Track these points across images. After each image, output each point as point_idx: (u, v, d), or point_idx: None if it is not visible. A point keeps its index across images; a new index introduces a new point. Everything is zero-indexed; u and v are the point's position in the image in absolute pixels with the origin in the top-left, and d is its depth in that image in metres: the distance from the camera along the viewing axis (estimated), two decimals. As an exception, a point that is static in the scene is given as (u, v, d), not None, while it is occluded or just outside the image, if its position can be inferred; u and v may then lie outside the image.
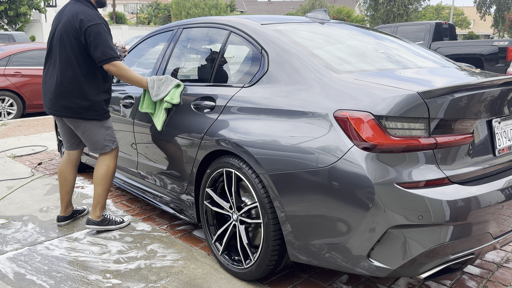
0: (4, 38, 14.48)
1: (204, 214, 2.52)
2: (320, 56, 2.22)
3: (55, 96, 2.67)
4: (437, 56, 2.74)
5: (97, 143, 2.80)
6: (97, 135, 2.78)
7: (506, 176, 1.98)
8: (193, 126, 2.52)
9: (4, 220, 3.11)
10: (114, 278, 2.34)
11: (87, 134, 2.77)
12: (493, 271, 2.41)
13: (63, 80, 2.63)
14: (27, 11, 23.26)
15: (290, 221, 1.99)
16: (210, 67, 2.76)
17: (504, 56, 10.43)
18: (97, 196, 2.87)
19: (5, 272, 2.40)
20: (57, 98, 2.67)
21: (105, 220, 2.91)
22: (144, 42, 3.52)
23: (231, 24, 2.64)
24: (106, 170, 2.84)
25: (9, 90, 7.74)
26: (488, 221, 1.83)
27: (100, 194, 2.86)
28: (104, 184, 2.86)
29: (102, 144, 2.81)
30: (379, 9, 33.93)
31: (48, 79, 2.73)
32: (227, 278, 2.33)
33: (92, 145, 2.82)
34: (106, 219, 2.92)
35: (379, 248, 1.77)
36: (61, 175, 2.96)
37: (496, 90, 1.94)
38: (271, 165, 2.02)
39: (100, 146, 2.82)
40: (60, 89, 2.65)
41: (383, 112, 1.77)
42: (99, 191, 2.86)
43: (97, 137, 2.78)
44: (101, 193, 2.86)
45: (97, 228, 2.88)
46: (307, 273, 2.38)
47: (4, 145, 5.52)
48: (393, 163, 1.75)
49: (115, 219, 2.97)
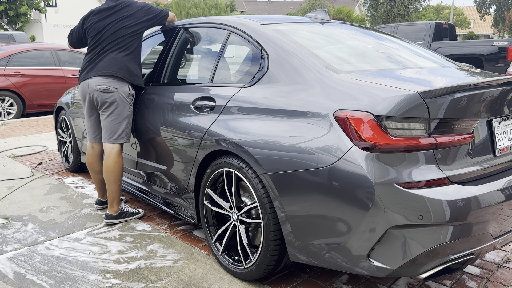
0: (4, 38, 14.48)
1: (204, 214, 2.52)
2: (320, 56, 2.22)
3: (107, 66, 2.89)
4: (437, 56, 2.74)
5: (120, 127, 2.95)
6: (124, 116, 2.95)
7: (506, 176, 1.98)
8: (193, 126, 2.52)
9: (4, 220, 3.11)
10: (114, 278, 2.34)
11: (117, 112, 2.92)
12: (493, 271, 2.41)
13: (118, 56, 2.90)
14: (27, 11, 23.25)
15: (290, 221, 1.99)
16: (210, 67, 2.75)
17: (504, 56, 10.43)
18: (112, 193, 3.01)
19: (5, 272, 2.40)
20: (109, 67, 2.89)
21: (123, 213, 3.09)
22: (144, 42, 3.51)
23: (231, 24, 2.64)
24: (117, 167, 2.97)
25: (9, 90, 7.74)
26: (488, 221, 1.83)
27: (115, 191, 3.01)
28: (117, 181, 3.00)
29: (122, 130, 2.96)
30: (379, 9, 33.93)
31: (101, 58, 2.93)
32: (227, 278, 2.33)
33: (113, 127, 2.94)
34: (123, 212, 3.09)
35: (379, 248, 1.77)
36: (91, 167, 3.18)
37: (496, 90, 1.94)
38: (271, 165, 2.02)
39: (119, 132, 2.95)
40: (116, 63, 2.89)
41: (383, 112, 1.77)
42: (113, 189, 3.00)
43: (122, 119, 2.95)
44: (116, 189, 3.01)
45: (117, 221, 3.04)
46: (307, 273, 2.38)
47: (4, 145, 5.52)
48: (393, 163, 1.75)
49: (132, 211, 3.15)
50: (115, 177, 2.98)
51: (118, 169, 2.97)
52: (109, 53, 2.91)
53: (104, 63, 2.90)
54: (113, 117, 2.93)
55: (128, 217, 3.09)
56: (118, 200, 3.04)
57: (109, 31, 2.91)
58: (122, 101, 2.93)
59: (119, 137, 2.95)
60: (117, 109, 2.93)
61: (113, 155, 2.96)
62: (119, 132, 2.95)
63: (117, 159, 2.97)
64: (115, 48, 2.91)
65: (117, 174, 2.98)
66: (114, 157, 2.96)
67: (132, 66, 2.95)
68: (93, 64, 2.93)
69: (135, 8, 2.98)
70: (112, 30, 2.91)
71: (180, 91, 2.79)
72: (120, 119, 2.94)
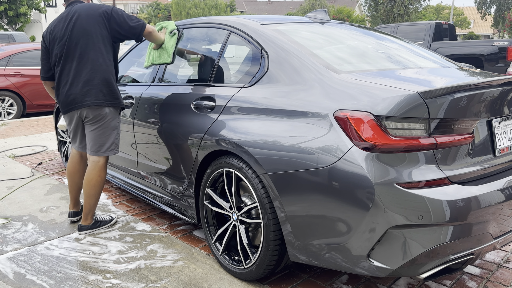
0: (4, 38, 14.50)
1: (204, 214, 2.52)
2: (320, 56, 2.22)
3: (86, 87, 2.65)
4: (437, 56, 2.74)
5: (108, 140, 2.77)
6: (113, 127, 2.77)
7: (506, 176, 1.98)
8: (193, 126, 2.52)
9: (4, 220, 3.11)
10: (114, 278, 2.33)
11: (105, 126, 2.73)
12: (493, 271, 2.41)
13: (94, 71, 2.65)
14: (27, 11, 23.26)
15: (290, 221, 1.99)
16: (210, 67, 2.76)
17: (504, 56, 10.43)
18: (89, 206, 2.86)
19: (5, 272, 2.40)
20: (88, 88, 2.65)
21: (97, 222, 2.94)
22: (144, 42, 3.52)
23: (231, 24, 2.64)
24: (100, 181, 2.83)
25: (9, 90, 7.74)
26: (488, 221, 1.83)
27: (93, 204, 2.86)
28: (96, 194, 2.85)
29: (112, 142, 2.80)
30: (379, 9, 33.92)
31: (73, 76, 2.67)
32: (227, 278, 2.33)
33: (102, 140, 2.76)
34: (97, 221, 2.95)
35: (379, 248, 1.77)
36: (73, 175, 2.98)
37: (496, 90, 1.94)
38: (271, 165, 2.02)
39: (108, 145, 2.78)
40: (92, 80, 2.65)
41: (383, 112, 1.77)
42: (92, 202, 2.85)
43: (111, 131, 2.78)
44: (94, 203, 2.86)
45: (91, 232, 2.91)
46: (307, 273, 2.38)
47: (4, 145, 5.52)
48: (393, 163, 1.75)
49: (105, 218, 3.01)
50: (96, 191, 2.82)
51: (101, 183, 2.83)
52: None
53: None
54: (101, 130, 2.74)
55: (102, 226, 2.94)
56: (93, 213, 2.90)
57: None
58: (112, 113, 2.76)
59: (108, 149, 2.79)
60: (106, 122, 2.74)
61: (98, 168, 2.79)
62: (108, 145, 2.78)
63: (101, 172, 2.81)
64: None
65: (98, 188, 2.82)
66: (98, 171, 2.80)
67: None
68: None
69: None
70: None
71: (180, 91, 2.79)
72: (109, 131, 2.76)
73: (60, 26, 2.71)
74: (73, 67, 2.67)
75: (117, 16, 2.71)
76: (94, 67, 2.65)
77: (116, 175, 3.60)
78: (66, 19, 2.71)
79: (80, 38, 2.64)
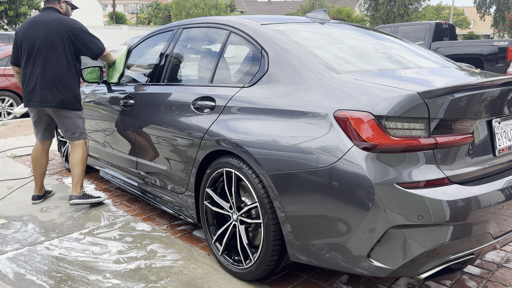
0: (4, 38, 14.49)
1: (204, 214, 2.52)
2: (320, 56, 2.22)
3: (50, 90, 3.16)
4: (437, 56, 2.74)
5: (77, 129, 3.35)
6: (79, 122, 3.36)
7: (506, 176, 1.98)
8: (193, 126, 2.52)
9: (4, 220, 3.11)
10: (114, 278, 2.34)
11: (71, 122, 3.31)
12: (493, 271, 2.41)
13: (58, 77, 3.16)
14: (27, 11, 23.25)
15: (290, 221, 1.99)
16: (210, 67, 2.75)
17: (504, 56, 10.44)
18: (77, 176, 3.35)
19: (5, 272, 2.40)
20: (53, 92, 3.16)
21: (85, 195, 3.36)
22: (144, 42, 3.52)
23: (231, 24, 2.64)
24: (83, 154, 3.38)
25: (9, 90, 7.74)
26: (488, 221, 1.83)
27: (79, 174, 3.36)
28: (81, 165, 3.36)
29: (80, 131, 3.38)
30: (379, 9, 33.91)
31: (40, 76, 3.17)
32: (227, 278, 2.33)
33: (72, 130, 3.34)
34: (86, 194, 3.37)
35: (379, 248, 1.77)
36: (37, 161, 3.47)
37: (496, 90, 1.94)
38: (271, 165, 2.02)
39: (78, 133, 3.37)
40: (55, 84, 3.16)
41: (383, 112, 1.77)
42: (78, 172, 3.35)
43: (78, 124, 3.36)
44: (80, 173, 3.36)
45: (80, 201, 3.29)
46: (307, 273, 2.38)
47: (4, 145, 5.52)
48: (393, 163, 1.75)
49: (94, 195, 3.43)
50: (82, 162, 3.36)
51: (84, 156, 3.38)
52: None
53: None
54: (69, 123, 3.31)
55: (90, 199, 3.34)
56: (81, 183, 3.36)
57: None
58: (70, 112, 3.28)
59: (81, 134, 3.37)
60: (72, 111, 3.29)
61: (81, 146, 3.37)
62: (78, 132, 3.35)
63: (83, 149, 3.39)
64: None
65: (82, 160, 3.36)
66: (81, 148, 3.37)
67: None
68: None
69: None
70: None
71: (180, 91, 2.79)
72: (77, 122, 3.34)
73: (32, 31, 3.17)
74: (36, 72, 3.16)
75: (84, 36, 3.25)
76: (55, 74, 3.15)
77: (116, 175, 3.60)
78: (39, 27, 3.17)
79: (46, 48, 3.14)
